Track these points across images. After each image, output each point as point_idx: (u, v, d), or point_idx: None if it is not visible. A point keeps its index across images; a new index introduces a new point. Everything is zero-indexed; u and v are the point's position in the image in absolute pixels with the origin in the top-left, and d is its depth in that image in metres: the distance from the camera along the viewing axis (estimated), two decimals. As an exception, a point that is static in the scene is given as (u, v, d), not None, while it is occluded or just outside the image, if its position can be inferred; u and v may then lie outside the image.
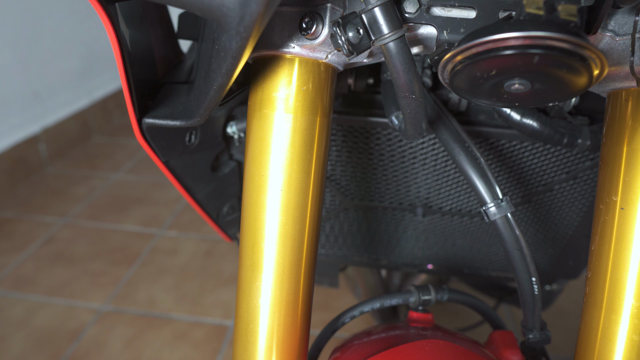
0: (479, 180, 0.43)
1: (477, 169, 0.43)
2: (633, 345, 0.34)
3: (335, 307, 1.45)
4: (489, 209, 0.42)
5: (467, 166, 0.43)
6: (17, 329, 1.41)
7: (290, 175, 0.36)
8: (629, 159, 0.34)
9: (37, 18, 2.20)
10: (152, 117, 0.43)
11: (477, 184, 0.43)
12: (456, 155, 0.43)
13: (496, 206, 0.42)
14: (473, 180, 0.43)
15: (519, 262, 0.43)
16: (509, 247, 0.42)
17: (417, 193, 0.65)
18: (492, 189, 0.42)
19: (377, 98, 0.59)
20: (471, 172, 0.43)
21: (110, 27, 0.36)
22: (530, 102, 0.30)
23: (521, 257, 0.43)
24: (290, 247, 0.37)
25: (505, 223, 0.42)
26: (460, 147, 0.44)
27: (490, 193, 0.42)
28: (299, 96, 0.36)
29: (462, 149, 0.44)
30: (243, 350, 0.38)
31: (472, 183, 0.43)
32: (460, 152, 0.43)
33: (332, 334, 0.53)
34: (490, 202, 0.42)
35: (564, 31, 0.25)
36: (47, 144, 2.30)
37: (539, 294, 0.44)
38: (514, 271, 0.44)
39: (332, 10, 0.33)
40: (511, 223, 0.42)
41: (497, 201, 0.42)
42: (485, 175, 0.43)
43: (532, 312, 0.46)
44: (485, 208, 0.42)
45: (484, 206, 0.42)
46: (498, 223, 0.42)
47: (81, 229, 1.86)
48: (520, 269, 0.43)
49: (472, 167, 0.43)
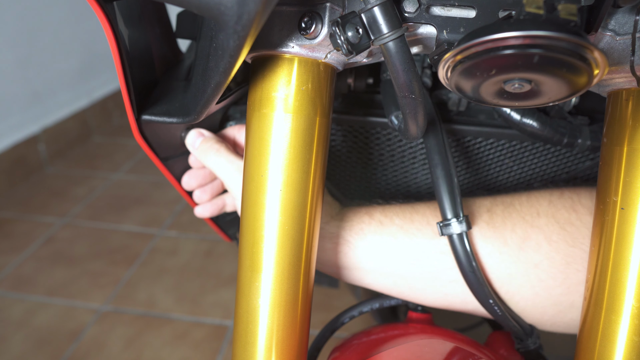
0: (446, 195, 0.43)
1: (448, 184, 0.44)
2: (634, 346, 0.34)
3: (335, 307, 1.45)
4: (445, 225, 0.43)
5: (440, 180, 0.44)
6: (17, 329, 1.41)
7: (290, 176, 0.36)
8: (629, 159, 0.34)
9: (37, 18, 2.20)
10: (149, 114, 0.43)
11: (443, 197, 0.43)
12: (433, 166, 0.45)
13: (455, 223, 0.42)
14: (440, 193, 0.44)
15: (473, 283, 0.43)
16: (463, 267, 0.43)
17: (418, 193, 0.65)
18: (456, 206, 0.43)
19: (376, 98, 0.59)
20: (441, 186, 0.44)
21: (108, 27, 0.35)
22: (530, 101, 0.30)
23: (474, 279, 0.43)
24: (289, 247, 0.37)
25: (459, 242, 0.42)
26: (440, 158, 0.45)
27: (452, 210, 0.43)
28: (298, 96, 0.35)
29: (440, 160, 0.44)
30: (242, 351, 0.38)
31: (438, 195, 0.44)
32: (438, 163, 0.44)
33: (331, 334, 0.53)
34: (450, 217, 0.43)
35: (564, 30, 0.24)
36: (47, 144, 2.30)
37: (502, 313, 0.44)
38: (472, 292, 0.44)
39: (331, 10, 0.33)
40: (464, 242, 0.42)
41: (457, 219, 0.42)
42: (453, 192, 0.43)
43: (509, 327, 0.45)
44: (442, 223, 0.43)
45: (442, 221, 0.43)
46: (454, 240, 0.43)
47: (81, 229, 1.86)
48: (477, 291, 0.43)
49: (444, 182, 0.44)
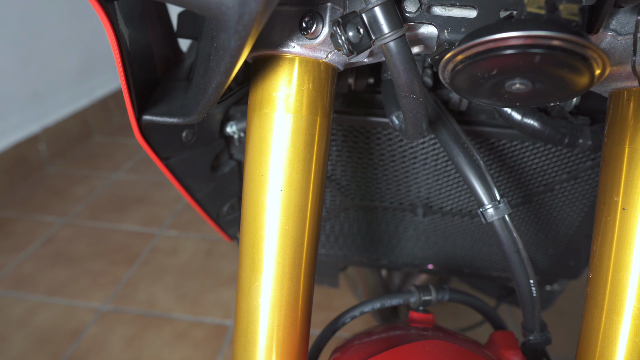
0: (476, 181, 0.42)
1: (475, 170, 0.43)
2: (635, 347, 0.34)
3: (335, 307, 1.45)
4: (486, 211, 0.42)
5: (465, 167, 0.43)
6: (17, 328, 1.41)
7: (290, 175, 0.36)
8: (630, 159, 0.34)
9: (37, 18, 2.19)
10: (150, 115, 0.43)
11: (475, 185, 0.42)
12: (455, 156, 0.43)
13: (494, 208, 0.42)
14: (471, 182, 0.43)
15: (516, 264, 0.43)
16: (507, 249, 0.42)
17: (418, 193, 0.65)
18: (490, 190, 0.42)
19: (377, 98, 0.59)
20: (469, 173, 0.43)
21: (109, 26, 0.35)
22: (531, 102, 0.30)
23: (519, 260, 0.42)
24: (290, 247, 0.37)
25: (503, 225, 0.42)
26: (459, 147, 0.44)
27: (488, 195, 0.42)
28: (299, 96, 0.35)
29: (460, 149, 0.43)
30: (243, 351, 0.38)
31: (470, 184, 0.43)
32: (458, 152, 0.43)
33: (332, 334, 0.53)
34: (488, 203, 0.42)
35: (566, 30, 0.24)
36: (47, 143, 2.30)
37: (537, 295, 0.44)
38: (512, 273, 0.44)
39: (332, 10, 0.33)
40: (508, 225, 0.42)
41: (494, 203, 0.42)
42: (483, 176, 0.42)
43: (532, 314, 0.45)
44: (482, 210, 0.42)
45: (482, 208, 0.42)
46: (495, 225, 0.42)
47: (81, 229, 1.85)
48: (518, 271, 0.43)
49: (470, 168, 0.43)
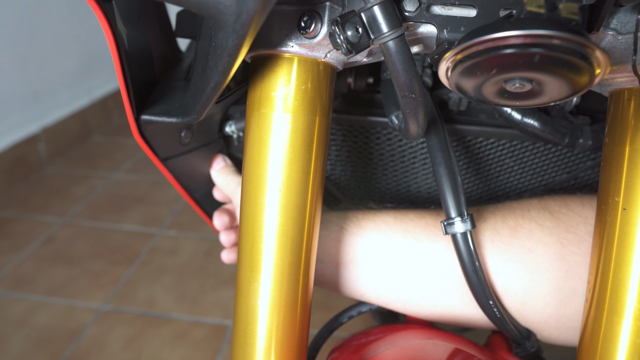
0: (449, 193, 0.43)
1: (451, 182, 0.44)
2: (636, 348, 0.34)
3: (335, 307, 1.45)
4: (450, 224, 0.42)
5: (443, 178, 0.44)
6: (16, 328, 1.41)
7: (289, 175, 0.36)
8: (631, 159, 0.34)
9: (36, 18, 2.19)
10: (148, 114, 0.43)
11: (447, 196, 0.43)
12: (436, 165, 0.44)
13: (460, 222, 0.42)
14: (444, 192, 0.44)
15: (475, 283, 0.43)
16: (466, 266, 0.42)
17: (418, 193, 0.65)
18: (460, 205, 0.43)
19: (376, 97, 0.59)
20: (445, 184, 0.44)
21: (106, 26, 0.35)
22: (531, 101, 0.30)
23: (476, 280, 0.42)
24: (289, 247, 0.37)
25: (464, 241, 0.42)
26: (442, 157, 0.45)
27: (457, 208, 0.43)
28: (298, 95, 0.35)
29: (443, 159, 0.44)
30: (242, 351, 0.38)
31: (442, 194, 0.44)
32: (440, 162, 0.44)
33: (329, 334, 0.53)
34: (455, 217, 0.42)
35: (566, 30, 0.24)
36: (47, 143, 2.30)
37: (501, 315, 0.44)
38: (472, 292, 0.44)
39: (331, 9, 0.33)
40: (469, 242, 0.42)
41: (461, 217, 0.42)
42: (457, 190, 0.43)
43: (506, 330, 0.45)
44: (446, 222, 0.43)
45: (447, 220, 0.43)
46: (458, 239, 0.42)
47: (81, 229, 1.85)
48: (477, 292, 0.43)
49: (447, 180, 0.44)
